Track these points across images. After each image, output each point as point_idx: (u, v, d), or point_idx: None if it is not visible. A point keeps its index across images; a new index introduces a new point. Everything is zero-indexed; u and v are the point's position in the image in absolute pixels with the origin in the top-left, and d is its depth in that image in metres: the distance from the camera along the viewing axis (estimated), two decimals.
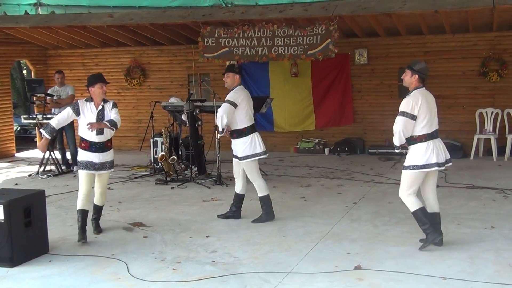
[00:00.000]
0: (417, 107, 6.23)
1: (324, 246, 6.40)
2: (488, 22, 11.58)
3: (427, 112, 6.25)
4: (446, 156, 6.38)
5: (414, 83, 6.47)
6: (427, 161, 6.17)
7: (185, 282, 5.43)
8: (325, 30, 10.82)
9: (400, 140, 6.30)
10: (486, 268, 5.59)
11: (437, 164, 6.19)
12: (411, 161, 6.28)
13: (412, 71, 6.46)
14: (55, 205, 8.64)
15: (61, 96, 11.58)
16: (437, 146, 6.23)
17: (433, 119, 6.29)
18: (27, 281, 5.58)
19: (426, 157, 6.17)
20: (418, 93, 6.36)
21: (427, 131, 6.23)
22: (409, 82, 6.49)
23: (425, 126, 6.23)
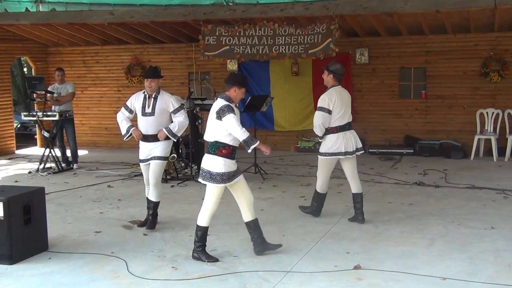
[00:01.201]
0: (332, 103, 7.18)
1: (323, 246, 6.39)
2: (490, 22, 11.56)
3: (340, 107, 7.23)
4: (358, 145, 7.35)
5: (330, 82, 7.37)
6: (337, 149, 7.21)
7: (185, 280, 5.43)
8: (326, 29, 10.82)
9: (321, 131, 7.24)
10: (485, 268, 5.59)
11: (346, 152, 7.22)
12: (323, 149, 7.31)
13: (328, 71, 7.35)
14: (55, 203, 8.64)
15: (61, 94, 11.56)
16: (347, 137, 7.24)
17: (345, 114, 7.31)
18: (26, 278, 5.58)
19: (336, 146, 7.21)
20: (333, 90, 7.29)
21: (339, 123, 7.25)
22: (327, 81, 7.39)
23: (337, 119, 7.24)
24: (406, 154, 12.45)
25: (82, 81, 15.03)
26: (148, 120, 7.08)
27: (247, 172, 10.55)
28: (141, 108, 7.09)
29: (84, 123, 15.20)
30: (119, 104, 14.86)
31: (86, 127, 15.25)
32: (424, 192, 9.01)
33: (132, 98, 7.22)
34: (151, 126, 7.07)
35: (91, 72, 15.13)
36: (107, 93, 15.08)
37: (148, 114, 7.07)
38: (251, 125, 12.14)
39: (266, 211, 8.03)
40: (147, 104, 7.07)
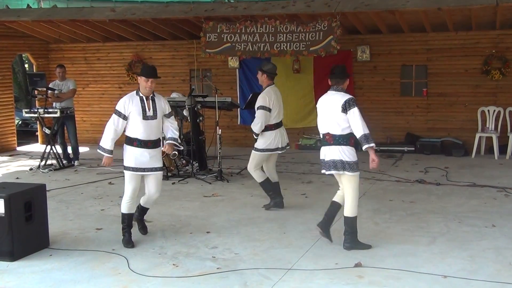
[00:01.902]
0: (271, 101, 7.64)
1: (324, 243, 6.39)
2: (491, 20, 11.54)
3: (277, 105, 7.73)
4: (287, 141, 7.97)
5: (265, 81, 7.80)
6: (274, 145, 7.74)
7: (185, 277, 5.43)
8: (327, 26, 10.80)
9: (260, 129, 7.63)
10: (486, 266, 5.59)
11: (280, 148, 7.83)
12: (261, 145, 7.73)
13: (261, 71, 7.75)
14: (56, 200, 8.64)
15: (62, 90, 11.57)
16: (281, 133, 7.79)
17: (280, 111, 7.80)
18: (27, 275, 5.59)
19: (274, 142, 7.73)
20: (271, 89, 7.76)
21: (276, 121, 7.73)
22: (261, 80, 7.79)
23: (275, 117, 7.71)
24: (407, 152, 12.44)
25: (83, 78, 15.03)
26: (150, 124, 6.39)
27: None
28: (141, 112, 6.34)
29: (85, 120, 15.20)
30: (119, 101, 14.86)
31: (87, 124, 15.24)
32: (425, 190, 9.01)
33: (125, 103, 6.36)
34: (153, 131, 6.43)
35: (92, 69, 15.13)
36: (108, 90, 15.07)
37: (150, 118, 6.36)
38: None
39: None
40: (146, 106, 6.38)
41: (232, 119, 13.93)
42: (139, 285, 5.28)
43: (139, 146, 6.36)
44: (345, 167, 6.04)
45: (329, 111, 6.23)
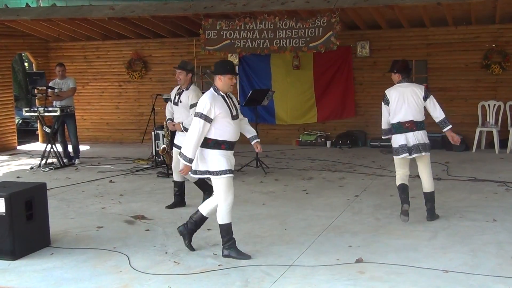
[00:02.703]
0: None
1: (325, 239, 6.39)
2: (491, 14, 11.53)
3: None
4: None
5: (188, 80, 7.76)
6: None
7: (187, 275, 5.43)
8: (327, 22, 10.79)
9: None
10: (488, 261, 5.58)
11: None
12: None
13: (186, 71, 7.70)
14: (57, 198, 8.64)
15: (62, 89, 11.56)
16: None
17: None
18: (29, 274, 5.59)
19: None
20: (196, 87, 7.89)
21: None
22: (185, 79, 7.70)
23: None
24: None
25: (83, 76, 15.02)
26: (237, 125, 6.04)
27: (248, 166, 10.56)
28: (229, 112, 5.92)
29: (85, 118, 15.20)
30: (120, 99, 14.91)
31: (87, 122, 15.25)
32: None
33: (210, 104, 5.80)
34: (239, 131, 6.08)
35: (92, 67, 15.12)
36: (108, 88, 15.07)
37: (236, 118, 5.99)
38: (253, 119, 12.13)
39: (267, 204, 8.03)
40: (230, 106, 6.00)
41: None
42: (141, 282, 5.28)
43: (228, 148, 5.86)
44: (427, 149, 6.95)
45: (411, 100, 6.97)
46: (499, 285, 4.98)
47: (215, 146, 5.77)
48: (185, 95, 7.68)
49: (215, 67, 5.96)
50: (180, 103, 7.73)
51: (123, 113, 14.98)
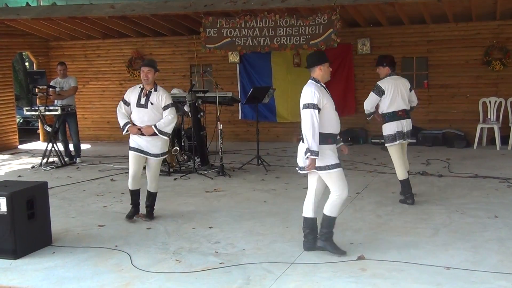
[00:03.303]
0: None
1: None
2: (491, 11, 11.52)
3: None
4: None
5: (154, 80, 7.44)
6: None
7: (188, 273, 5.43)
8: (327, 19, 10.79)
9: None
10: (489, 257, 5.58)
11: None
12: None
13: (155, 69, 7.25)
14: (58, 197, 8.65)
15: (64, 88, 11.56)
16: None
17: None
18: (30, 273, 5.59)
19: None
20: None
21: None
22: (152, 79, 7.28)
23: None
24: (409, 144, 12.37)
25: (84, 75, 15.03)
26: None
27: (249, 164, 10.56)
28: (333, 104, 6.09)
29: (86, 117, 15.21)
30: (121, 97, 14.83)
31: (88, 121, 15.26)
32: (427, 181, 9.00)
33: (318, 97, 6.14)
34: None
35: (92, 66, 15.13)
36: (109, 87, 15.07)
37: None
38: (254, 117, 12.18)
39: (269, 202, 8.03)
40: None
41: (233, 114, 13.92)
42: (142, 281, 5.29)
43: (333, 142, 5.89)
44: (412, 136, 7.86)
45: (403, 91, 7.69)
46: (501, 282, 4.98)
47: (323, 140, 5.70)
48: (156, 96, 7.16)
49: (311, 59, 6.41)
50: (151, 105, 7.11)
51: None
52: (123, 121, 7.19)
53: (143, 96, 7.17)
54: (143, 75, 7.15)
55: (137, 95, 7.19)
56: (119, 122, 7.25)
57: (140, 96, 7.17)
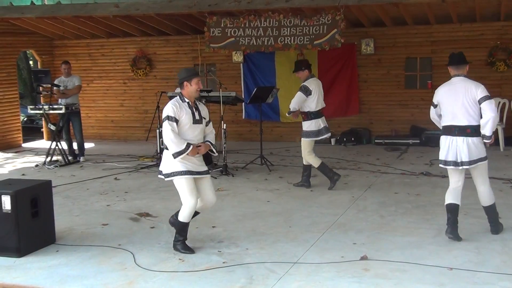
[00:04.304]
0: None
1: (330, 237, 6.40)
2: (496, 12, 11.51)
3: None
4: None
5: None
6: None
7: (192, 272, 5.45)
8: (331, 20, 10.79)
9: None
10: (492, 258, 5.58)
11: None
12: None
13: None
14: (62, 196, 8.67)
15: (68, 87, 11.58)
16: None
17: None
18: (34, 271, 5.61)
19: None
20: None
21: None
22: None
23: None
24: (412, 145, 12.44)
25: (88, 74, 15.05)
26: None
27: (253, 163, 10.57)
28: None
29: (90, 116, 15.23)
30: (124, 96, 14.92)
31: (92, 120, 15.28)
32: (430, 182, 9.00)
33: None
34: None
35: (96, 65, 15.15)
36: (113, 86, 15.09)
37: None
38: (257, 117, 12.17)
39: (272, 202, 8.04)
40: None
41: (236, 113, 13.93)
42: (146, 280, 5.30)
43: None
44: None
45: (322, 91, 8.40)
46: (504, 282, 4.98)
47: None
48: (201, 109, 6.23)
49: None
50: (204, 120, 6.18)
51: (127, 110, 15.00)
52: (182, 142, 5.89)
53: (195, 110, 6.09)
54: (198, 87, 6.11)
55: (189, 111, 6.02)
56: (175, 145, 5.87)
57: (192, 111, 6.04)
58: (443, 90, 6.34)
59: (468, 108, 6.07)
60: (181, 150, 5.85)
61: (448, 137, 6.21)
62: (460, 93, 6.12)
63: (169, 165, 5.97)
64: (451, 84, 6.28)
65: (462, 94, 6.11)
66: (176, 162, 5.91)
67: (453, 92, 6.19)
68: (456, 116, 6.13)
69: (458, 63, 6.30)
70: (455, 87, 6.21)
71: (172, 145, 5.86)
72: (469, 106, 6.07)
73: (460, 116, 6.10)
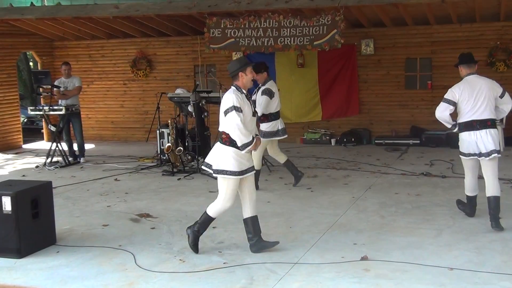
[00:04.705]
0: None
1: (330, 237, 6.40)
2: (495, 12, 11.52)
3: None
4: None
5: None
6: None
7: (192, 272, 5.45)
8: (331, 20, 10.79)
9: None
10: (493, 258, 5.58)
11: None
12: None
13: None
14: (62, 197, 8.67)
15: (68, 88, 11.59)
16: None
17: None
18: (35, 272, 5.61)
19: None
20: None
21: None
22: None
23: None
24: (413, 145, 12.44)
25: (88, 75, 15.05)
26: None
27: None
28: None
29: (90, 117, 15.24)
30: (125, 97, 14.93)
31: (92, 121, 15.28)
32: (430, 182, 9.00)
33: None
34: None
35: (97, 66, 15.16)
36: (113, 87, 15.10)
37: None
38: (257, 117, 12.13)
39: (273, 203, 8.05)
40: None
41: None
42: (146, 280, 5.30)
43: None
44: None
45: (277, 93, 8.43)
46: (504, 282, 4.98)
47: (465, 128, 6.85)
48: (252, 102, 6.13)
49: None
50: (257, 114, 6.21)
51: (128, 111, 15.01)
52: (249, 134, 5.74)
53: (251, 103, 5.93)
54: (252, 76, 5.97)
55: (248, 103, 5.87)
56: (245, 137, 5.70)
57: (249, 103, 5.88)
58: (462, 87, 6.79)
59: (489, 103, 6.62)
60: (249, 142, 5.70)
61: (471, 132, 6.69)
62: (484, 89, 6.65)
63: (224, 161, 5.76)
64: (468, 82, 6.81)
65: (485, 90, 6.65)
66: (231, 160, 5.74)
67: (474, 88, 6.69)
68: (478, 110, 6.58)
69: (470, 61, 6.94)
70: (476, 84, 6.74)
71: (242, 136, 5.67)
72: (491, 101, 6.63)
73: (482, 110, 6.58)
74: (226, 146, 5.76)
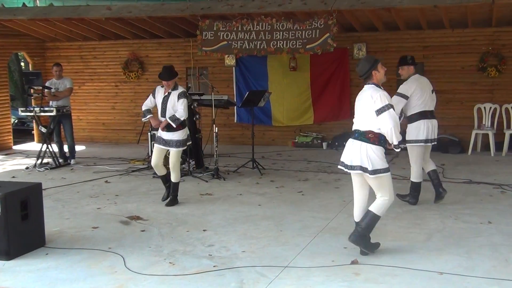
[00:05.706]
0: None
1: (321, 241, 6.40)
2: (487, 18, 11.56)
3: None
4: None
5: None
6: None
7: (182, 275, 5.43)
8: (324, 24, 10.81)
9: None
10: (482, 263, 5.59)
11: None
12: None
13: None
14: (52, 198, 8.63)
15: (59, 89, 11.54)
16: None
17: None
18: (24, 274, 5.57)
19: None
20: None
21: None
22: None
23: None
24: (404, 149, 12.42)
25: (79, 77, 15.01)
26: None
27: (244, 167, 10.56)
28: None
29: (81, 118, 15.19)
30: (116, 99, 14.90)
31: (83, 123, 15.24)
32: (421, 187, 8.99)
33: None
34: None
35: (88, 68, 15.12)
36: (105, 89, 15.06)
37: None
38: (249, 121, 12.17)
39: (263, 206, 8.03)
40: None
41: (228, 117, 13.92)
42: (136, 283, 5.28)
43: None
44: None
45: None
46: (494, 287, 4.99)
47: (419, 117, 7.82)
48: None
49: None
50: None
51: (119, 113, 14.97)
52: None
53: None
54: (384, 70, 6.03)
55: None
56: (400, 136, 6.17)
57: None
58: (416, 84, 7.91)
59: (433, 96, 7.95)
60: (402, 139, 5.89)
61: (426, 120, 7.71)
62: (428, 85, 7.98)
63: (380, 160, 5.90)
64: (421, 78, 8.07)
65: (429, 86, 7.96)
66: (383, 158, 5.94)
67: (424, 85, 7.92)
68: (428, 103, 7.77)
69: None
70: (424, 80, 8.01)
71: (398, 134, 5.86)
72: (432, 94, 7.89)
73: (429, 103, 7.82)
74: (376, 145, 5.93)
